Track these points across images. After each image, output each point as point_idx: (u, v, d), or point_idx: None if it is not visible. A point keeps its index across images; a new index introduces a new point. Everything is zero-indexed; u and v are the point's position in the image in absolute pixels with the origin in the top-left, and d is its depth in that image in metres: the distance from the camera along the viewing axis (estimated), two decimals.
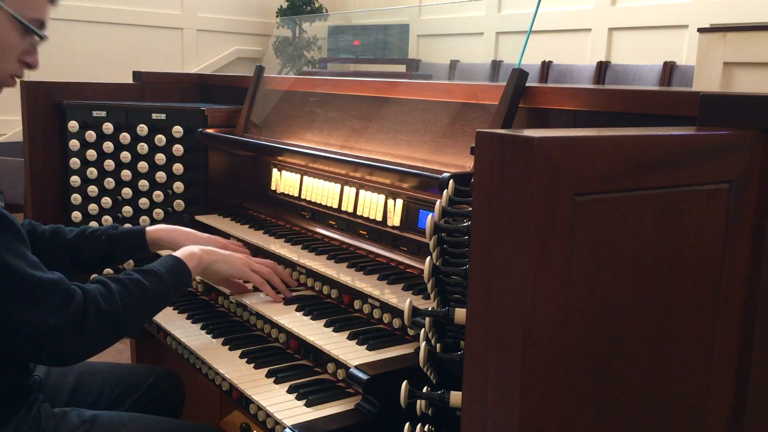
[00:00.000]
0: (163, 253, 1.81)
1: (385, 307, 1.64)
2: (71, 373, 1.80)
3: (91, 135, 2.50)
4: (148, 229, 1.90)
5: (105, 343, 1.47)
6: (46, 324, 1.33)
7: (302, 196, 2.24)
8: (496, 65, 5.57)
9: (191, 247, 1.74)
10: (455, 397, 1.10)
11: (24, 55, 1.49)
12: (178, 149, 2.49)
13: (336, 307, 1.78)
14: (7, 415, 1.47)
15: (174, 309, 2.01)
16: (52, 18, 1.53)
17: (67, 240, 1.83)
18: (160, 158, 2.49)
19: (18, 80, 1.53)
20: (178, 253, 1.69)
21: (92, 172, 2.51)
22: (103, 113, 2.51)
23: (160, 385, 1.91)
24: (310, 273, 1.88)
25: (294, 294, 1.86)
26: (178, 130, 2.48)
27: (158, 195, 2.52)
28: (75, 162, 2.50)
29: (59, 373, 1.78)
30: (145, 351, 2.64)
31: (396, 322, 1.62)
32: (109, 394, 1.84)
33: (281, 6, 7.24)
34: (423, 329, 1.23)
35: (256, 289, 1.89)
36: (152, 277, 1.55)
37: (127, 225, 2.21)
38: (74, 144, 2.50)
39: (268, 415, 1.44)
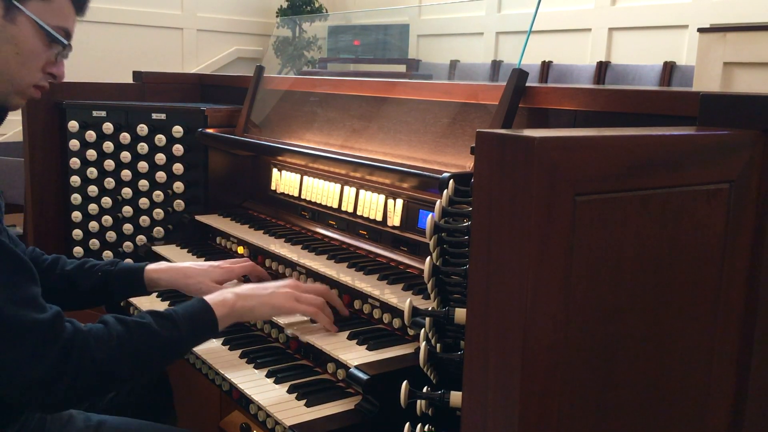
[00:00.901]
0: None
1: (385, 307, 1.64)
2: None
3: (91, 135, 2.50)
4: (148, 267, 1.78)
5: (92, 392, 1.32)
6: (21, 370, 1.23)
7: (302, 196, 2.24)
8: (496, 65, 5.57)
9: (226, 292, 1.56)
10: (455, 397, 1.10)
11: (48, 66, 1.44)
12: (178, 149, 2.49)
13: None
14: (12, 416, 1.47)
15: None
16: None
17: (64, 271, 1.74)
18: (160, 158, 2.49)
19: (41, 92, 1.47)
20: (210, 298, 1.52)
21: (92, 172, 2.51)
22: (103, 113, 2.51)
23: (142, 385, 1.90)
24: (310, 273, 1.88)
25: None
26: (178, 130, 2.48)
27: (158, 195, 2.52)
28: (75, 162, 2.51)
29: None
30: None
31: (396, 322, 1.61)
32: None
33: (281, 6, 7.24)
34: (423, 329, 1.23)
35: None
36: (168, 324, 1.39)
37: (128, 260, 2.16)
38: (74, 144, 2.50)
39: (268, 415, 1.44)
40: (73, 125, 2.50)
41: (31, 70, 1.41)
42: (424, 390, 1.17)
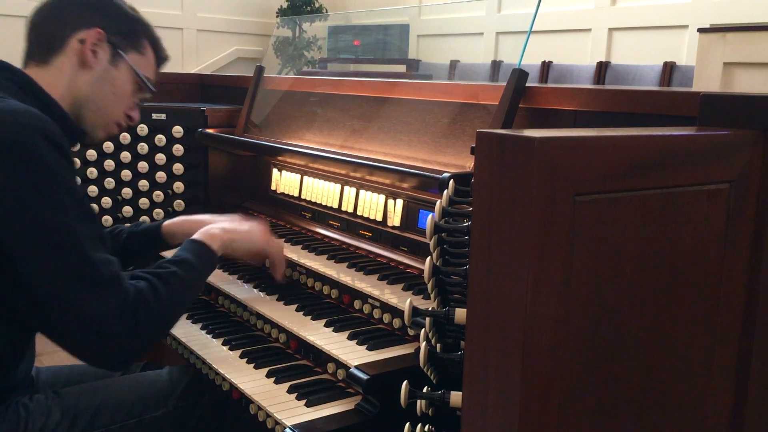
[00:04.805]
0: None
1: (385, 307, 1.64)
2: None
3: None
4: (165, 223, 1.91)
5: (153, 341, 1.46)
6: (107, 324, 1.33)
7: (302, 196, 2.24)
8: (496, 65, 5.57)
9: (210, 228, 1.72)
10: (455, 397, 1.10)
11: (129, 109, 1.68)
12: (178, 149, 2.49)
13: (336, 307, 1.78)
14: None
15: None
16: None
17: None
18: (160, 158, 2.49)
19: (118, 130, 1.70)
20: (198, 236, 1.67)
21: (92, 172, 2.51)
22: None
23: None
24: (310, 273, 1.88)
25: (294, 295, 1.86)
26: (178, 130, 2.48)
27: (158, 195, 2.52)
28: (75, 162, 2.50)
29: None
30: None
31: (396, 322, 1.62)
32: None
33: (281, 6, 7.23)
34: (423, 329, 1.23)
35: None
36: (186, 266, 1.54)
37: (145, 218, 2.23)
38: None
39: (268, 415, 1.44)
40: None
41: (119, 108, 1.65)
42: (424, 390, 1.17)
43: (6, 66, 1.54)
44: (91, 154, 2.50)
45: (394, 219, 1.88)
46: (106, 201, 2.52)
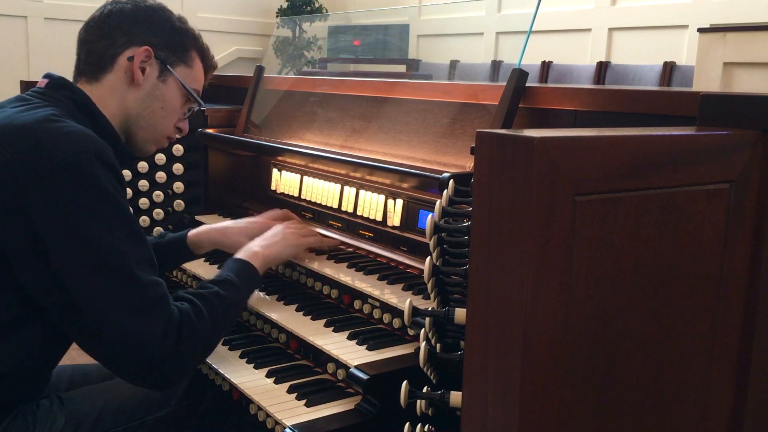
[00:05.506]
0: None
1: (385, 307, 1.64)
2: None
3: None
4: (190, 233, 1.93)
5: (196, 363, 1.48)
6: (147, 343, 1.33)
7: (302, 196, 2.24)
8: (496, 65, 5.57)
9: (252, 246, 1.73)
10: (455, 397, 1.10)
11: (178, 122, 1.70)
12: (178, 149, 2.49)
13: (336, 307, 1.78)
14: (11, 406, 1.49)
15: None
16: (53, 18, 1.57)
17: None
18: (160, 158, 2.49)
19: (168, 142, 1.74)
20: (241, 255, 1.68)
21: None
22: None
23: None
24: (310, 273, 1.88)
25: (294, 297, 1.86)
26: None
27: (158, 195, 2.51)
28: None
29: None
30: None
31: (396, 322, 1.62)
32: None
33: (281, 6, 7.23)
34: (423, 329, 1.23)
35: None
36: (229, 287, 1.55)
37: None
38: None
39: (268, 415, 1.44)
40: None
41: (169, 123, 1.67)
42: (424, 390, 1.17)
43: (67, 84, 1.56)
44: None
45: (394, 219, 1.88)
46: None
